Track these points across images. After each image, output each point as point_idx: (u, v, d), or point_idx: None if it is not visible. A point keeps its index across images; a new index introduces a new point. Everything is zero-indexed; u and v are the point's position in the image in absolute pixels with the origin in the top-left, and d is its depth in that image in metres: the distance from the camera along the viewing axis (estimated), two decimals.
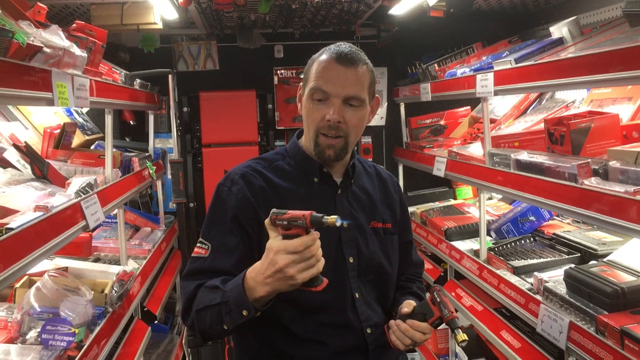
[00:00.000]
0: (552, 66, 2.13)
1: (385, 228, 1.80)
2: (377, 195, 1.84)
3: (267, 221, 1.41)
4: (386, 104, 4.48)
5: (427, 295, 1.70)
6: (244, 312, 1.42)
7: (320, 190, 1.73)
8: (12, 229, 1.54)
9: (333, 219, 1.33)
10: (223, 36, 4.28)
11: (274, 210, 1.40)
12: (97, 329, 2.05)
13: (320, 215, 1.35)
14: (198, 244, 1.66)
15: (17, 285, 2.17)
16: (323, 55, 1.66)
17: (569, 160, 2.07)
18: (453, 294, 3.09)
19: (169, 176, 4.01)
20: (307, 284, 1.40)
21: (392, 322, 1.67)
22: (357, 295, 1.68)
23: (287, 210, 1.39)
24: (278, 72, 4.37)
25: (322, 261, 1.38)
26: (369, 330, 1.68)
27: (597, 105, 2.55)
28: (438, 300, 1.62)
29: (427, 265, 3.66)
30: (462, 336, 1.53)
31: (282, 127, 4.41)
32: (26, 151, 2.31)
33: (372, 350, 1.68)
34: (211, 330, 1.53)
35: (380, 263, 1.75)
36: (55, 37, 1.87)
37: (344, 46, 1.66)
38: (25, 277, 2.19)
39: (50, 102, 1.79)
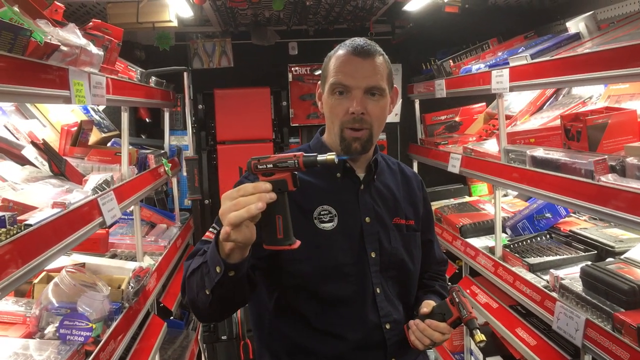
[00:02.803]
0: (569, 62, 2.11)
1: (408, 225, 1.81)
2: (400, 192, 1.85)
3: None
4: (400, 100, 4.46)
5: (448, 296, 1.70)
6: (217, 269, 1.39)
7: (343, 185, 1.75)
8: (30, 225, 1.56)
9: (331, 157, 1.28)
10: (237, 33, 4.29)
11: (254, 157, 1.35)
12: (114, 324, 2.07)
13: (314, 154, 1.30)
14: (210, 229, 1.68)
15: (36, 281, 2.20)
16: (340, 51, 1.69)
17: (585, 156, 2.05)
18: (468, 291, 3.08)
19: (184, 173, 4.03)
20: (273, 242, 1.33)
21: (411, 322, 1.69)
22: (378, 291, 1.69)
23: (271, 154, 1.34)
24: (292, 69, 4.37)
25: (257, 205, 1.27)
26: (387, 326, 1.68)
27: (614, 101, 2.52)
28: (457, 300, 1.61)
29: None
30: (480, 337, 1.53)
31: (297, 124, 4.42)
32: (44, 148, 2.34)
33: (390, 346, 1.69)
34: (198, 298, 1.49)
35: (403, 259, 1.76)
36: (72, 36, 1.89)
37: (359, 40, 1.69)
38: (44, 273, 2.23)
39: (67, 100, 1.81)
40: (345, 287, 1.66)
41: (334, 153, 1.31)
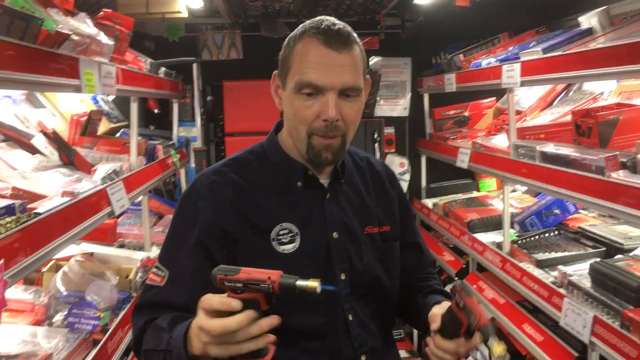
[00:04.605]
0: (581, 57, 2.10)
1: (382, 232, 1.55)
2: (371, 194, 1.59)
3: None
4: (409, 94, 4.45)
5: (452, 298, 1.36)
6: None
7: (305, 196, 1.47)
8: (39, 213, 1.57)
9: (314, 285, 1.07)
10: (247, 25, 4.28)
11: (221, 267, 1.13)
12: (122, 314, 2.09)
13: (294, 277, 1.09)
14: (154, 269, 1.42)
15: (45, 269, 2.21)
16: (306, 37, 1.36)
17: (596, 152, 2.04)
18: (475, 286, 3.07)
19: (192, 164, 4.04)
20: (245, 355, 1.14)
21: (428, 339, 1.39)
22: (350, 318, 1.44)
23: (241, 268, 1.11)
24: None
25: (254, 342, 1.11)
26: (363, 358, 1.45)
27: (625, 97, 2.50)
28: (461, 305, 1.28)
29: (449, 257, 3.65)
30: (498, 348, 1.27)
31: None
32: (54, 138, 2.34)
33: None
34: None
35: (377, 276, 1.50)
36: (83, 25, 1.89)
37: (329, 22, 1.36)
38: (52, 262, 2.24)
39: (77, 89, 1.82)
40: (313, 318, 1.39)
41: (318, 280, 1.09)
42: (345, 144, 1.42)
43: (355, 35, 1.39)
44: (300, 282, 1.08)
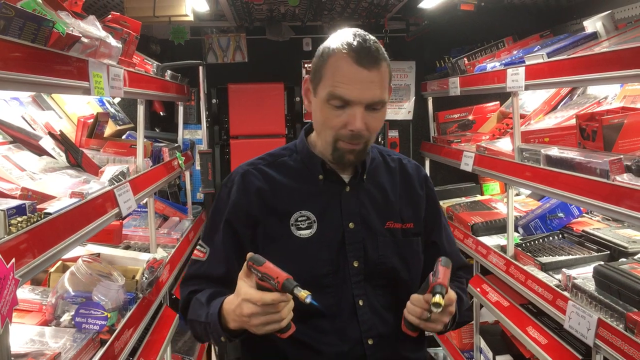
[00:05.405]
0: (585, 61, 2.11)
1: (405, 229, 1.66)
2: (398, 193, 1.70)
3: (241, 272, 1.39)
4: (414, 98, 4.47)
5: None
6: (222, 338, 1.47)
7: (326, 188, 1.64)
8: (50, 213, 1.58)
9: (303, 295, 1.27)
10: (252, 29, 4.30)
11: (251, 256, 1.36)
12: (128, 314, 2.10)
13: (294, 284, 1.28)
14: (198, 246, 1.67)
15: (52, 269, 2.23)
16: (339, 52, 1.49)
17: (600, 156, 2.05)
18: (479, 289, 3.08)
19: (198, 167, 4.06)
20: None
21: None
22: (360, 303, 1.57)
23: (266, 261, 1.33)
24: (306, 65, 4.37)
25: (289, 318, 1.35)
26: (370, 342, 1.56)
27: (630, 101, 2.51)
28: (433, 269, 1.47)
29: None
30: (436, 299, 1.38)
31: (310, 120, 4.40)
32: (61, 139, 2.36)
33: None
34: (205, 339, 1.61)
35: (393, 268, 1.61)
36: (92, 28, 1.91)
37: (361, 39, 1.49)
38: (59, 262, 2.25)
39: (86, 91, 1.83)
40: (322, 299, 1.46)
41: (309, 294, 1.27)
42: (367, 146, 1.58)
43: (382, 50, 1.51)
44: (297, 290, 1.28)
